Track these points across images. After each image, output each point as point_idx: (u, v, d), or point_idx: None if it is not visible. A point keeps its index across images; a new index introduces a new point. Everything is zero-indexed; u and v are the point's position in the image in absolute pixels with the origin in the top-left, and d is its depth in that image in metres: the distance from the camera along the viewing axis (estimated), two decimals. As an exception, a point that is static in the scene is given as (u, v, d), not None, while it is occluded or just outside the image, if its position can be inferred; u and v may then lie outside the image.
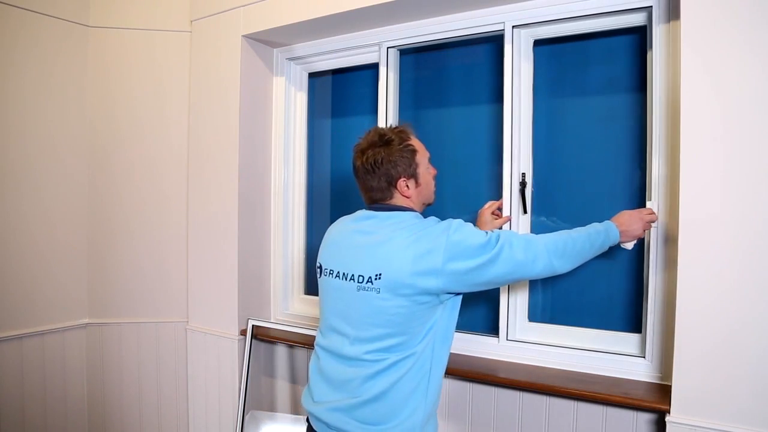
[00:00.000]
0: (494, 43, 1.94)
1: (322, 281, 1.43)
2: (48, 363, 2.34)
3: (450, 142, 2.06)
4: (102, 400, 2.51)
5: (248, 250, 2.33)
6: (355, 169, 1.39)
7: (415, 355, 1.28)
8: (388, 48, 2.11)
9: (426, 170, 1.41)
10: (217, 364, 2.38)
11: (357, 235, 1.36)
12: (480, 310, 1.94)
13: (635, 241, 1.48)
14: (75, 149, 2.41)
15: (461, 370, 1.75)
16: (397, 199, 1.38)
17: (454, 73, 2.09)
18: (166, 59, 2.46)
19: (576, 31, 1.76)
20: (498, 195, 1.87)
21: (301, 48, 2.34)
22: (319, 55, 2.33)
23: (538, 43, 1.84)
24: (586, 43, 1.81)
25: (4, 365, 2.19)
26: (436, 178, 1.47)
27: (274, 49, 2.41)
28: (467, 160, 2.03)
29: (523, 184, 1.82)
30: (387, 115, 2.10)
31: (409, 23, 2.02)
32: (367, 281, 1.28)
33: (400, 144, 1.35)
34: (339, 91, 2.47)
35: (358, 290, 1.30)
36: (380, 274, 1.26)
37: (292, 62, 2.42)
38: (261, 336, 2.27)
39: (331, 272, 1.38)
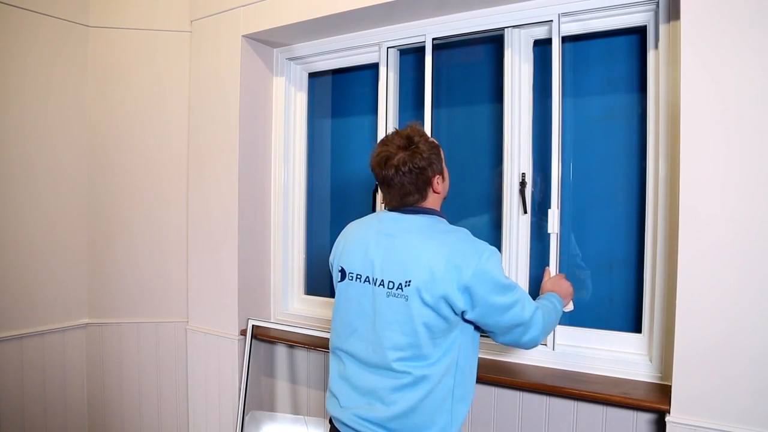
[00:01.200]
0: (494, 43, 1.94)
1: (346, 285, 1.38)
2: (48, 363, 2.34)
3: (450, 142, 2.06)
4: (102, 400, 2.51)
5: (248, 250, 2.33)
6: (387, 177, 1.32)
7: (439, 373, 1.26)
8: (388, 48, 2.11)
9: (446, 171, 1.41)
10: (217, 364, 2.38)
11: (385, 238, 1.32)
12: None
13: (572, 301, 1.63)
14: (75, 149, 2.41)
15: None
16: (430, 199, 1.35)
17: (455, 73, 2.09)
18: (166, 59, 2.46)
19: (577, 31, 1.75)
20: (498, 195, 1.87)
21: (301, 48, 2.34)
22: (319, 55, 2.33)
23: (538, 43, 1.84)
24: (586, 43, 1.81)
25: (4, 365, 2.19)
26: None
27: (274, 49, 2.41)
28: (467, 160, 2.03)
29: (523, 184, 1.82)
30: (387, 115, 2.10)
31: (409, 23, 2.02)
32: (397, 287, 1.26)
33: (426, 142, 1.33)
34: (339, 91, 2.47)
35: (388, 296, 1.28)
36: (410, 281, 1.24)
37: (292, 62, 2.42)
38: (261, 336, 2.27)
39: (358, 277, 1.35)
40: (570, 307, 1.63)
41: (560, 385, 1.59)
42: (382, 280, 1.29)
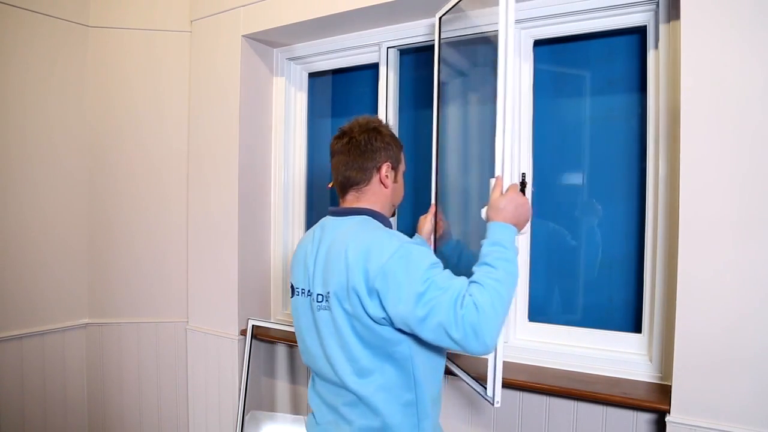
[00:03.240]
0: (494, 42, 1.94)
1: (295, 301, 1.32)
2: (48, 363, 2.34)
3: (450, 142, 2.06)
4: (102, 400, 2.51)
5: (248, 250, 2.33)
6: (338, 147, 1.27)
7: (390, 389, 1.17)
8: (388, 48, 2.11)
9: (402, 173, 1.36)
10: (217, 364, 2.38)
11: (319, 247, 1.25)
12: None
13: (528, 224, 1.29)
14: (75, 149, 2.41)
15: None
16: (372, 188, 1.27)
17: (453, 73, 2.09)
18: (166, 59, 2.46)
19: (577, 31, 1.76)
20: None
21: (301, 48, 2.34)
22: (319, 55, 2.33)
23: (538, 43, 1.84)
24: (586, 43, 1.81)
25: (4, 365, 2.19)
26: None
27: (274, 49, 2.41)
28: (467, 160, 2.03)
29: (523, 184, 1.82)
30: (387, 115, 2.10)
31: (409, 23, 2.02)
32: (324, 299, 1.19)
33: (390, 133, 1.32)
34: (339, 91, 2.47)
35: (319, 309, 1.21)
36: (329, 291, 1.17)
37: (292, 62, 2.42)
38: (261, 336, 2.27)
39: (302, 291, 1.28)
40: (525, 229, 1.26)
41: (560, 385, 1.59)
42: (314, 293, 1.22)
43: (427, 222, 1.60)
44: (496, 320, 1.03)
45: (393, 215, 1.40)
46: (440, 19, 1.73)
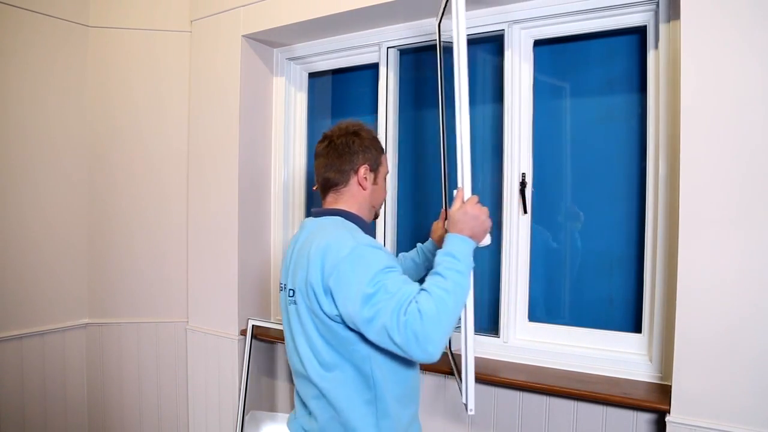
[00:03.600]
0: (495, 42, 1.94)
1: (280, 296, 1.37)
2: (48, 363, 2.34)
3: (450, 142, 2.06)
4: (102, 400, 2.50)
5: (248, 249, 2.33)
6: (322, 149, 1.32)
7: (347, 384, 1.20)
8: (388, 48, 2.11)
9: (384, 177, 1.38)
10: (217, 364, 2.38)
11: (295, 245, 1.31)
12: (480, 310, 1.94)
13: (489, 235, 1.28)
14: (75, 149, 2.41)
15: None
16: (351, 189, 1.31)
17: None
18: (166, 59, 2.46)
19: (577, 31, 1.76)
20: (497, 195, 1.87)
21: (301, 48, 2.34)
22: (319, 55, 2.33)
23: (538, 43, 1.84)
24: (586, 44, 1.81)
25: (4, 365, 2.19)
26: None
27: (274, 49, 2.41)
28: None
29: (523, 184, 1.82)
30: (387, 115, 2.10)
31: (409, 23, 2.02)
32: (292, 294, 1.25)
33: (371, 137, 1.34)
34: (339, 91, 2.47)
35: (289, 304, 1.27)
36: (295, 288, 1.24)
37: (292, 62, 2.42)
38: (261, 336, 2.27)
39: (283, 286, 1.33)
40: (487, 241, 1.27)
41: (560, 385, 1.59)
42: (287, 288, 1.29)
43: (439, 228, 1.60)
44: (439, 328, 1.04)
45: (376, 217, 1.42)
46: (439, 25, 1.73)
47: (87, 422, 2.50)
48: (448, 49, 1.81)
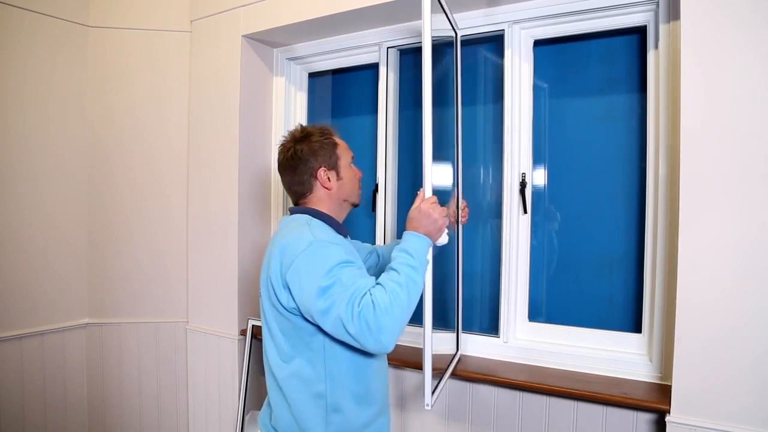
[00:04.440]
0: (495, 42, 1.94)
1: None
2: (48, 363, 2.34)
3: (450, 142, 2.06)
4: (102, 400, 2.51)
5: (248, 249, 2.33)
6: (279, 165, 1.38)
7: (300, 375, 1.24)
8: (388, 48, 2.11)
9: (348, 166, 1.39)
10: (217, 364, 2.38)
11: (271, 243, 1.35)
12: (480, 310, 1.94)
13: (446, 232, 1.32)
14: (75, 149, 2.41)
15: (461, 370, 1.76)
16: (317, 193, 1.35)
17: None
18: (166, 59, 2.46)
19: (577, 31, 1.76)
20: (497, 195, 1.87)
21: (301, 48, 2.34)
22: (319, 55, 2.33)
23: (538, 43, 1.84)
24: (586, 44, 1.81)
25: (4, 365, 2.19)
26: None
27: (274, 49, 2.41)
28: (467, 161, 2.03)
29: (523, 184, 1.82)
30: (387, 115, 2.10)
31: (409, 23, 2.02)
32: (261, 289, 1.31)
33: (320, 136, 1.36)
34: (339, 91, 2.47)
35: (260, 298, 1.32)
36: (260, 283, 1.30)
37: (292, 62, 2.42)
38: (261, 336, 2.27)
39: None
40: (443, 240, 1.32)
41: (560, 385, 1.59)
42: (261, 286, 1.33)
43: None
44: (392, 319, 1.08)
45: (356, 205, 1.44)
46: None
47: (87, 422, 2.50)
48: (443, 48, 1.82)
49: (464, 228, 1.82)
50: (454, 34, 1.83)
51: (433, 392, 1.34)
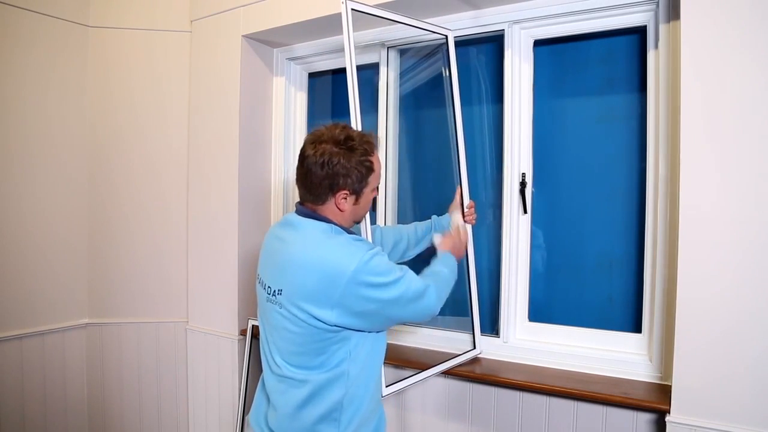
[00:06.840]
0: (495, 43, 1.94)
1: (257, 289, 1.37)
2: (48, 363, 2.34)
3: (449, 142, 2.06)
4: (102, 400, 2.50)
5: (248, 249, 2.33)
6: (303, 156, 1.25)
7: (320, 380, 1.23)
8: (388, 48, 2.11)
9: (370, 191, 1.31)
10: (217, 364, 2.38)
11: (276, 242, 1.30)
12: (480, 310, 1.94)
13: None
14: (75, 149, 2.41)
15: (461, 370, 1.76)
16: (329, 207, 1.27)
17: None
18: (166, 59, 2.46)
19: (577, 31, 1.76)
20: (497, 195, 1.87)
21: (301, 48, 2.34)
22: (319, 55, 2.33)
23: (538, 44, 1.84)
24: (586, 44, 1.81)
25: (4, 365, 2.19)
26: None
27: (274, 49, 2.41)
28: (467, 161, 2.03)
29: (523, 184, 1.82)
30: (387, 115, 2.10)
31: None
32: (274, 294, 1.25)
33: (362, 156, 1.24)
34: (339, 91, 2.47)
35: (268, 301, 1.28)
36: (281, 290, 1.23)
37: (292, 62, 2.42)
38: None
39: (262, 281, 1.33)
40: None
41: (560, 385, 1.59)
42: (268, 285, 1.29)
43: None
44: (441, 293, 1.37)
45: (358, 222, 1.41)
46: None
47: (87, 422, 2.50)
48: (437, 50, 1.82)
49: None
50: (444, 36, 1.83)
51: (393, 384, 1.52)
